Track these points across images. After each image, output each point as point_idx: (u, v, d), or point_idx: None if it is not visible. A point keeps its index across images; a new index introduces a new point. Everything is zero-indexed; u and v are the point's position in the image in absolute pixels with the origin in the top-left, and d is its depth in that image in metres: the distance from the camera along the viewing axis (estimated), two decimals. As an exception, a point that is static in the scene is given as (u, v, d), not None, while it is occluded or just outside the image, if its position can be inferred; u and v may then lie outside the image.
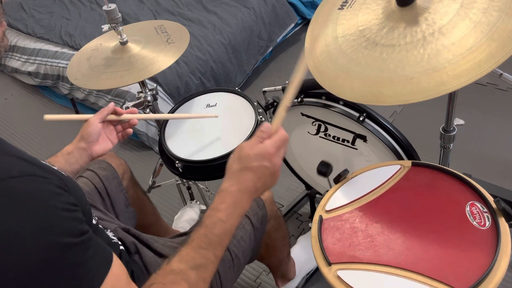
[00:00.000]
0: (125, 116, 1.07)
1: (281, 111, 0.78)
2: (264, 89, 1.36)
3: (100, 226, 0.85)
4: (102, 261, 0.63)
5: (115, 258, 0.65)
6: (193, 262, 0.69)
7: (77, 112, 2.57)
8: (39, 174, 0.60)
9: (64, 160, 0.98)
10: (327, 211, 0.90)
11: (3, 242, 0.54)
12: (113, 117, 1.05)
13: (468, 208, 0.82)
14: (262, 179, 0.74)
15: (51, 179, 0.60)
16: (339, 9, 1.05)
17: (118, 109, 1.07)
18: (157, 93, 1.49)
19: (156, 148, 2.17)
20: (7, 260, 0.53)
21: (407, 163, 0.95)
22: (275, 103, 1.35)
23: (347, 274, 0.77)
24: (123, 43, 1.35)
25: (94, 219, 0.78)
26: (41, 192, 0.58)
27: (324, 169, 1.17)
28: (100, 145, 1.03)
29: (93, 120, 1.02)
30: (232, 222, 0.72)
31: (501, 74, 1.01)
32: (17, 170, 0.58)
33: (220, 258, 0.72)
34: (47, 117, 1.02)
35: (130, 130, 1.11)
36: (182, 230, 1.63)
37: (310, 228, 0.89)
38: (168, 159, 1.24)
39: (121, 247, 0.93)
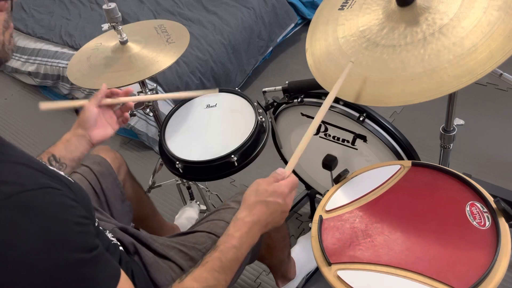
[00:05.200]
0: (121, 99, 1.06)
1: (294, 159, 0.85)
2: (264, 89, 1.36)
3: (100, 227, 0.85)
4: (111, 276, 0.64)
5: (122, 273, 0.66)
6: (206, 283, 0.72)
7: (77, 112, 2.56)
8: (54, 186, 0.59)
9: (63, 147, 0.98)
10: (327, 211, 0.90)
11: (15, 256, 0.53)
12: (108, 101, 1.04)
13: (468, 208, 0.82)
14: (274, 214, 0.78)
15: (64, 191, 0.60)
16: (339, 9, 1.05)
17: (114, 90, 1.05)
18: (157, 93, 1.49)
19: (156, 148, 2.17)
20: (20, 275, 0.53)
21: (407, 163, 0.95)
22: (275, 103, 1.35)
23: (347, 274, 0.77)
24: (123, 43, 1.35)
25: (96, 221, 0.78)
26: (56, 205, 0.58)
27: (329, 162, 1.22)
28: (99, 130, 1.02)
29: (89, 105, 1.01)
30: (243, 251, 0.76)
31: (501, 74, 1.02)
32: (31, 182, 0.58)
33: (229, 283, 0.76)
34: (44, 106, 1.00)
35: (127, 115, 1.10)
36: (180, 227, 1.63)
37: (310, 228, 0.90)
38: (168, 159, 1.24)
39: (121, 248, 0.93)
